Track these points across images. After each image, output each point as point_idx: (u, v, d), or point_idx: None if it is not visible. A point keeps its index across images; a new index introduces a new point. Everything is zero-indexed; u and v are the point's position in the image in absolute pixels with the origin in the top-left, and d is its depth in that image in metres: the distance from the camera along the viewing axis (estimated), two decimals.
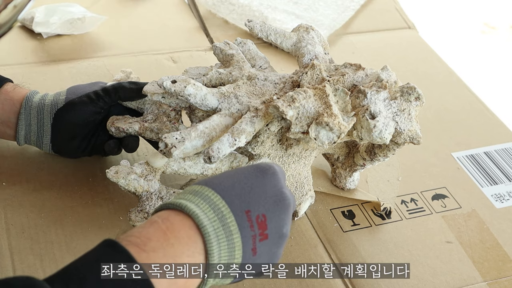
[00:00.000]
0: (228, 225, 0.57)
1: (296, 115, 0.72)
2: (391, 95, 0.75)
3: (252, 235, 0.58)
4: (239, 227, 0.58)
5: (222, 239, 0.57)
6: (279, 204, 0.60)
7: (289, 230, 0.62)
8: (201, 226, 0.56)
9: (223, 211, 0.58)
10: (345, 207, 0.87)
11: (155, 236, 0.56)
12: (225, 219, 0.57)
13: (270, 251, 0.60)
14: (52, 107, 0.82)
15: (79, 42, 1.09)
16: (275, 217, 0.60)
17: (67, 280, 0.52)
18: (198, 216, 0.57)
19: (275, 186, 0.61)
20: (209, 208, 0.57)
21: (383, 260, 0.80)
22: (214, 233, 0.57)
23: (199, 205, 0.58)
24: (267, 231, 0.59)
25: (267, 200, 0.60)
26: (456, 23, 2.21)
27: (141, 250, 0.54)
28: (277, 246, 0.61)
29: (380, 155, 0.81)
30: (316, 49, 0.83)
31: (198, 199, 0.58)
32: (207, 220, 0.57)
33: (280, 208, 0.60)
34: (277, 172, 0.62)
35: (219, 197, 0.58)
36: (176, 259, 0.55)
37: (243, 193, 0.59)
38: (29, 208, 0.80)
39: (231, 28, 1.18)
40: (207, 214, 0.57)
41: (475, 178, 0.94)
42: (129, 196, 0.81)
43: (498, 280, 0.80)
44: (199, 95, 0.74)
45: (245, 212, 0.58)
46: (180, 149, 0.70)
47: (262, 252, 0.59)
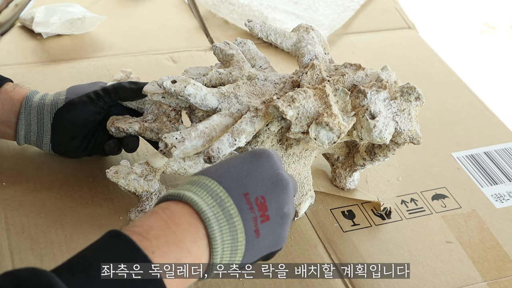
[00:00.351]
0: (227, 209, 0.58)
1: (296, 115, 0.72)
2: (391, 95, 0.75)
3: (253, 217, 0.59)
4: (239, 210, 0.58)
5: (223, 223, 0.58)
6: (277, 185, 0.61)
7: (292, 210, 0.62)
8: (200, 212, 0.57)
9: (221, 196, 0.58)
10: (345, 207, 0.87)
11: (156, 224, 0.57)
12: (224, 204, 0.58)
13: (274, 233, 0.61)
14: (52, 107, 0.82)
15: (79, 42, 1.09)
16: (274, 198, 0.60)
17: (73, 269, 0.52)
18: (197, 203, 0.58)
19: (271, 168, 0.62)
20: (207, 194, 0.58)
21: (383, 260, 0.80)
22: (214, 217, 0.57)
23: (197, 193, 0.58)
24: (267, 212, 0.60)
25: (264, 182, 0.61)
26: (456, 23, 2.21)
27: (144, 238, 0.55)
28: (280, 227, 0.61)
29: (380, 155, 0.81)
30: (316, 49, 0.83)
31: (195, 187, 0.59)
32: (206, 206, 0.58)
33: (279, 189, 0.61)
34: (272, 155, 0.63)
35: (216, 183, 0.59)
36: (178, 244, 0.56)
37: (239, 177, 0.60)
38: (29, 208, 0.80)
39: (231, 28, 1.18)
40: (206, 200, 0.58)
41: (475, 178, 0.94)
42: (129, 196, 0.81)
43: (498, 280, 0.80)
44: (199, 95, 0.74)
45: (244, 195, 0.59)
46: (180, 149, 0.70)
47: (266, 233, 0.60)
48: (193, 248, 0.56)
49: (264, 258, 0.63)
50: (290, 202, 0.62)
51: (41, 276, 0.50)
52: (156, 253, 0.55)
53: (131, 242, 0.54)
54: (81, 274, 0.52)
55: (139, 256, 0.54)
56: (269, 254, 0.63)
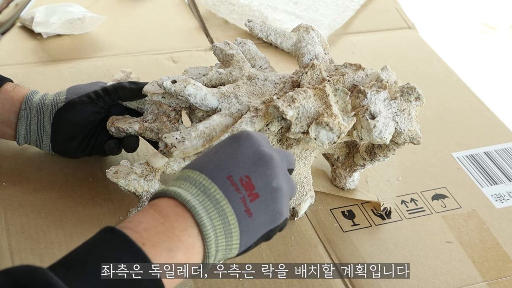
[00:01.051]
0: (212, 195, 0.58)
1: (296, 115, 0.72)
2: (391, 95, 0.75)
3: (240, 197, 0.59)
4: (225, 194, 0.59)
5: (210, 209, 0.58)
6: (259, 162, 0.61)
7: (283, 183, 0.62)
8: (185, 202, 0.58)
9: (204, 184, 0.59)
10: (345, 207, 0.87)
11: (145, 218, 0.58)
12: (208, 190, 0.59)
13: (267, 209, 0.61)
14: (52, 107, 0.82)
15: (79, 42, 1.09)
16: (259, 175, 0.60)
17: (69, 265, 0.53)
18: (180, 194, 0.58)
19: (252, 147, 0.62)
20: (191, 185, 0.59)
21: (383, 260, 0.80)
22: (200, 205, 0.58)
23: (181, 186, 0.59)
24: (256, 190, 0.60)
25: (246, 162, 0.61)
26: (456, 23, 2.21)
27: (134, 231, 0.56)
28: (273, 201, 0.61)
29: (380, 155, 0.81)
30: (316, 49, 0.83)
31: (179, 181, 0.60)
32: (190, 196, 0.58)
33: (262, 165, 0.61)
34: (251, 135, 0.63)
35: (198, 173, 0.60)
36: (168, 234, 0.57)
37: (221, 162, 0.60)
38: (29, 208, 0.80)
39: (231, 28, 1.18)
40: (190, 191, 0.59)
41: (475, 178, 0.94)
42: (129, 196, 0.81)
43: (498, 280, 0.80)
44: (199, 95, 0.74)
45: (227, 178, 0.59)
46: (180, 149, 0.70)
47: (259, 211, 0.60)
48: (183, 237, 0.57)
49: (265, 237, 0.62)
50: (277, 175, 0.61)
51: (36, 272, 0.51)
52: (146, 244, 0.55)
53: (124, 236, 0.55)
54: (76, 270, 0.53)
55: (133, 248, 0.55)
56: (269, 232, 0.62)
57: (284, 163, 0.64)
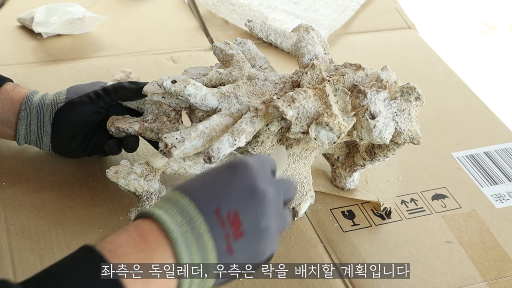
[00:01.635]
0: (197, 228, 0.56)
1: (296, 115, 0.72)
2: (391, 95, 0.75)
3: (225, 234, 0.57)
4: (210, 228, 0.56)
5: (191, 242, 0.56)
6: (251, 197, 0.58)
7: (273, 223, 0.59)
8: (168, 232, 0.56)
9: (191, 213, 0.57)
10: (345, 207, 0.87)
11: (126, 242, 0.56)
12: (194, 222, 0.56)
13: (250, 248, 0.58)
14: (52, 107, 0.82)
15: (79, 42, 1.09)
16: (248, 211, 0.58)
17: (44, 281, 0.52)
18: (164, 222, 0.56)
19: (247, 179, 0.59)
20: (177, 212, 0.57)
21: (383, 260, 0.80)
22: (182, 237, 0.56)
23: (168, 210, 0.57)
24: (241, 227, 0.57)
25: (238, 195, 0.58)
26: (456, 23, 2.21)
27: (114, 255, 0.54)
28: (257, 241, 0.58)
29: (380, 155, 0.81)
30: (316, 49, 0.83)
31: (168, 204, 0.58)
32: (174, 225, 0.56)
33: (253, 202, 0.58)
34: (250, 165, 0.60)
35: (187, 200, 0.57)
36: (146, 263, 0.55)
37: (213, 192, 0.58)
38: (29, 208, 0.80)
39: (231, 28, 1.18)
40: (175, 219, 0.57)
41: (475, 178, 0.94)
42: (129, 196, 0.81)
43: (498, 280, 0.80)
44: (199, 95, 0.74)
45: (215, 211, 0.57)
46: (180, 149, 0.70)
47: (241, 250, 0.58)
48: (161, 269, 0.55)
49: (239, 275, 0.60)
50: (267, 214, 0.59)
51: None
52: None
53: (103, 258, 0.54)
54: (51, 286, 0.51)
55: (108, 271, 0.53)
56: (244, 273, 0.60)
57: (280, 196, 0.61)
